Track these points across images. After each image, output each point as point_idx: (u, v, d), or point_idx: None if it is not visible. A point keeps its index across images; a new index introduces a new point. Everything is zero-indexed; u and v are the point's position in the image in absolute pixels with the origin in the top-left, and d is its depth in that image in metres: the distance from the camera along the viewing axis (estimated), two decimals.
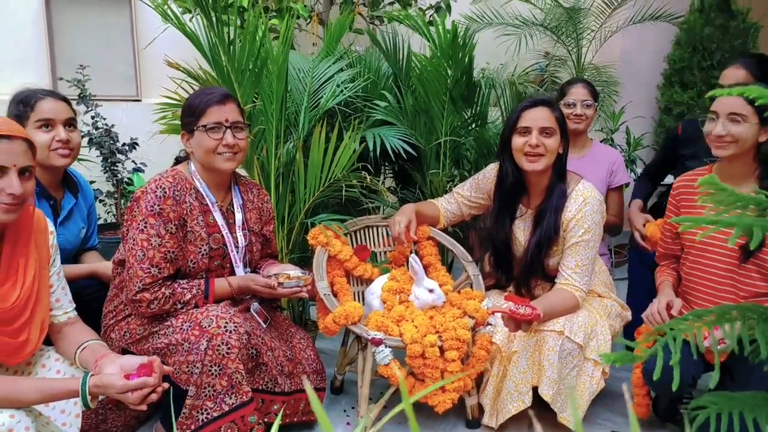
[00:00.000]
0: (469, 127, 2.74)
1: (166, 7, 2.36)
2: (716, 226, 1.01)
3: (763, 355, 0.91)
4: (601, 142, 3.88)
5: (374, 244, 2.52)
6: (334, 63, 2.71)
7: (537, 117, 2.16)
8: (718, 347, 1.83)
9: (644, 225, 2.61)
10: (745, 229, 0.97)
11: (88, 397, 1.48)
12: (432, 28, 2.57)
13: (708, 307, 1.15)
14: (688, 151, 2.69)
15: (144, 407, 1.51)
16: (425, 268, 2.42)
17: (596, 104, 2.86)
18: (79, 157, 2.39)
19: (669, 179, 2.88)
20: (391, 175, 3.09)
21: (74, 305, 1.78)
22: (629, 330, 2.41)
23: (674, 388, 1.05)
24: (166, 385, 1.59)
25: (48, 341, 1.76)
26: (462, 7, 4.10)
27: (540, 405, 2.09)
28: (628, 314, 2.40)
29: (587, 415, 2.23)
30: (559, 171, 2.23)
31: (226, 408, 1.76)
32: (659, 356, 1.00)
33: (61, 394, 1.50)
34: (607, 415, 2.32)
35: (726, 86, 2.32)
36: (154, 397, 1.54)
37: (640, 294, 2.56)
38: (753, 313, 1.00)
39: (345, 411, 2.32)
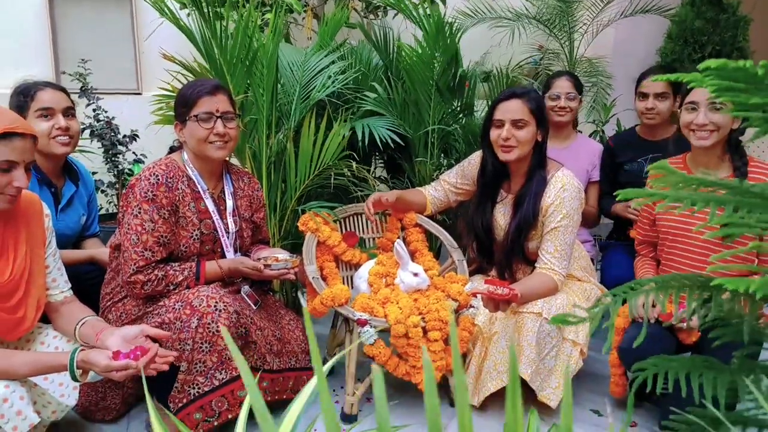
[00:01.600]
0: (457, 117, 2.82)
1: (162, 2, 2.46)
2: (685, 204, 1.08)
3: (689, 316, 0.98)
4: (591, 133, 3.96)
5: (362, 230, 2.60)
6: (326, 56, 2.80)
7: (509, 109, 2.24)
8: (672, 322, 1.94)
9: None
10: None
11: (77, 372, 1.58)
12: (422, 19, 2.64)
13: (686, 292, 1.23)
14: (624, 158, 2.88)
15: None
16: (413, 254, 2.51)
17: (580, 96, 2.93)
18: (81, 148, 2.49)
19: None
20: (381, 164, 3.18)
21: (70, 285, 1.88)
22: None
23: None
24: (154, 371, 1.69)
25: (46, 321, 1.87)
26: (456, 2, 4.17)
27: (523, 388, 2.17)
28: (608, 299, 2.47)
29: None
30: (538, 158, 2.31)
31: (217, 383, 1.86)
32: (603, 320, 1.08)
33: (52, 368, 1.59)
34: (588, 396, 2.40)
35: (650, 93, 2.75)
36: (162, 367, 1.65)
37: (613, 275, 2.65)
38: (689, 281, 1.08)
39: (334, 390, 2.41)
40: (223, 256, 2.11)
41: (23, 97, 2.13)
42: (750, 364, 1.07)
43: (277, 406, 2.20)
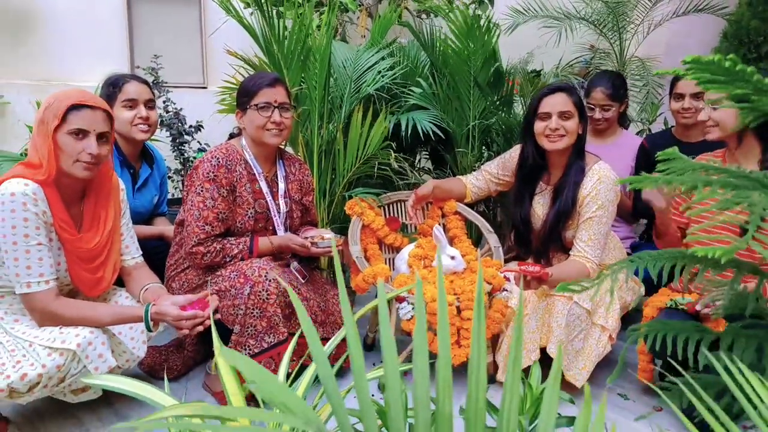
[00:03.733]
0: (497, 112, 2.95)
1: (228, 2, 2.69)
2: (674, 184, 1.21)
3: (663, 272, 1.10)
4: (638, 132, 3.99)
5: (405, 216, 2.77)
6: (376, 53, 2.98)
7: (556, 102, 2.37)
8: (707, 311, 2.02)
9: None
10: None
11: (150, 322, 1.82)
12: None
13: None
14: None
15: (195, 331, 1.83)
16: (452, 239, 2.66)
17: (619, 102, 2.98)
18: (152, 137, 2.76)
19: None
20: (426, 155, 3.34)
21: (141, 252, 2.13)
22: None
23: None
24: (217, 315, 1.91)
25: (120, 284, 2.12)
26: (509, 0, 4.28)
27: (549, 365, 2.28)
28: (641, 289, 2.57)
29: (597, 379, 2.40)
30: (577, 150, 2.42)
31: (266, 345, 2.06)
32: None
33: (130, 318, 1.84)
34: (617, 381, 2.48)
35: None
36: (203, 327, 1.86)
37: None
38: (679, 254, 1.20)
39: (374, 364, 2.59)
40: (275, 233, 2.32)
41: (112, 87, 2.41)
42: (737, 330, 1.18)
43: None
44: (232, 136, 2.43)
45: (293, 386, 1.15)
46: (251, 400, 1.50)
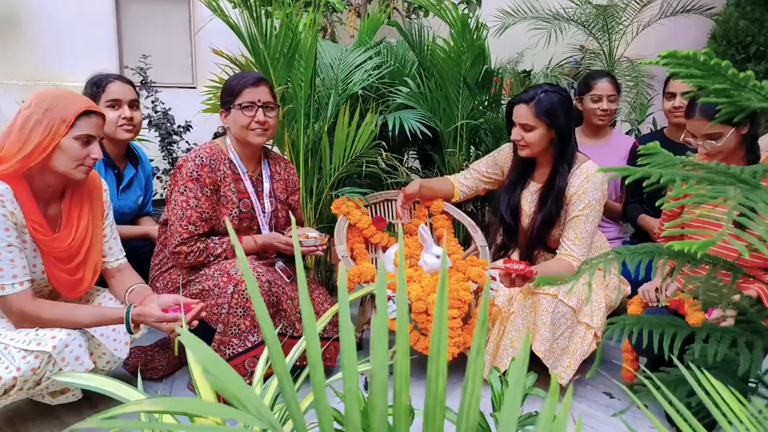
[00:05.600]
0: (485, 112, 2.95)
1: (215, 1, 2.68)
2: (653, 178, 1.20)
3: (640, 265, 1.10)
4: (628, 131, 4.01)
5: (392, 215, 2.76)
6: (363, 52, 2.98)
7: (518, 114, 2.36)
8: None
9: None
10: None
11: (131, 324, 1.80)
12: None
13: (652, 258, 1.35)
14: None
15: (175, 333, 1.82)
16: (438, 239, 2.66)
17: (619, 97, 2.97)
18: (139, 137, 2.74)
19: None
20: (414, 155, 3.33)
21: (124, 253, 2.11)
22: None
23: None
24: (195, 323, 1.89)
25: (103, 284, 2.10)
26: (499, 1, 4.28)
27: (537, 366, 2.27)
28: (627, 288, 2.56)
29: (583, 377, 2.40)
30: (559, 152, 2.39)
31: (249, 345, 2.05)
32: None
33: (111, 320, 1.82)
34: (601, 379, 2.48)
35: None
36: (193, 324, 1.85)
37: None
38: (658, 249, 1.19)
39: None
40: (259, 233, 2.30)
41: (96, 87, 2.39)
42: (713, 325, 1.18)
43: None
44: (216, 135, 2.41)
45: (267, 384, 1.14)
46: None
